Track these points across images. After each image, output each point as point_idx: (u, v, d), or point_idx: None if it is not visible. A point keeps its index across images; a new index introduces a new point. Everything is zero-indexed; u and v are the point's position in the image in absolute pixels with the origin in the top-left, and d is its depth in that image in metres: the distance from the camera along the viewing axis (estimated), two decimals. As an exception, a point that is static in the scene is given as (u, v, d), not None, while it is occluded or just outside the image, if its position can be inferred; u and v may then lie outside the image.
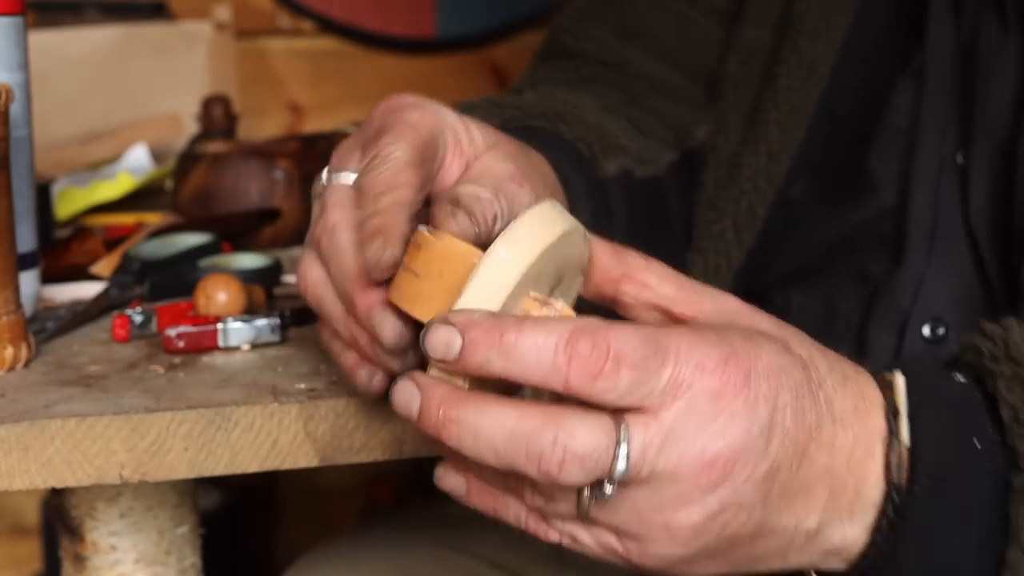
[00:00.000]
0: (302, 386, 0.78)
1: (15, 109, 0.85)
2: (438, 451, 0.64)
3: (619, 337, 0.58)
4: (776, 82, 0.98)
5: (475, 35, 2.03)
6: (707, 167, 1.02)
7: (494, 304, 0.61)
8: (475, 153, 0.74)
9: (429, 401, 0.60)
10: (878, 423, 0.64)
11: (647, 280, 0.65)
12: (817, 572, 0.67)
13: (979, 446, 0.64)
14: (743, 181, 0.98)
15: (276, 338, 0.86)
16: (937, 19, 0.93)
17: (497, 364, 0.59)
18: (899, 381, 0.65)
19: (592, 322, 0.59)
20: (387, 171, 0.69)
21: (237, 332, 0.85)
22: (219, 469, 0.74)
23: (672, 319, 0.65)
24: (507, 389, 0.62)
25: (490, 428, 0.59)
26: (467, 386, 0.61)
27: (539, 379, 0.58)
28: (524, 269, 0.62)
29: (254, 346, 0.86)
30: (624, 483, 0.59)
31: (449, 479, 0.64)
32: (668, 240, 1.02)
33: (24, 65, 0.89)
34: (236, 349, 0.85)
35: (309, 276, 0.71)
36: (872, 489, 0.64)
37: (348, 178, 0.72)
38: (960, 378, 0.67)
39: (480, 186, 0.70)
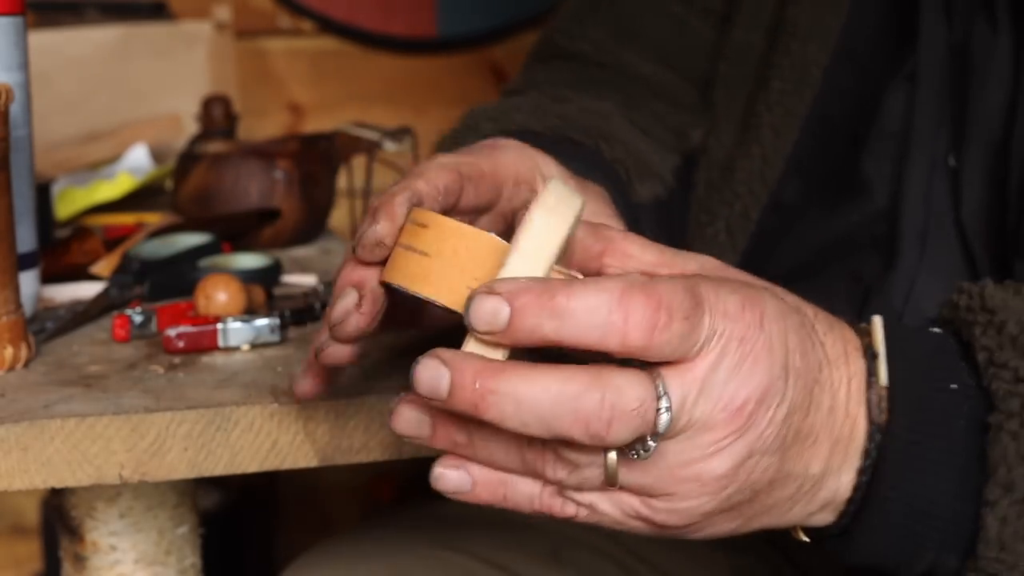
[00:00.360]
0: (302, 386, 0.78)
1: (15, 109, 0.85)
2: (439, 447, 0.63)
3: (667, 289, 0.58)
4: (769, 85, 0.98)
5: (475, 35, 2.03)
6: (700, 169, 1.02)
7: (539, 273, 0.61)
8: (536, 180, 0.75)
9: (463, 375, 0.58)
10: (862, 365, 0.65)
11: (628, 250, 0.65)
12: (804, 530, 0.68)
13: (955, 387, 0.66)
14: (736, 184, 0.98)
15: (276, 338, 0.86)
16: (929, 22, 0.93)
17: (549, 327, 0.57)
18: (877, 326, 0.66)
19: (637, 277, 0.59)
20: (420, 167, 0.69)
21: (237, 332, 0.85)
22: (219, 469, 0.75)
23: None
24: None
25: (534, 394, 0.57)
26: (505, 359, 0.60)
27: (595, 339, 0.57)
28: (562, 237, 0.61)
29: (254, 346, 0.86)
30: (661, 438, 0.59)
31: (450, 476, 0.62)
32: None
33: (24, 65, 0.89)
34: (236, 349, 0.86)
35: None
36: (860, 433, 0.65)
37: None
38: (936, 330, 0.68)
39: None
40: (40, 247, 0.92)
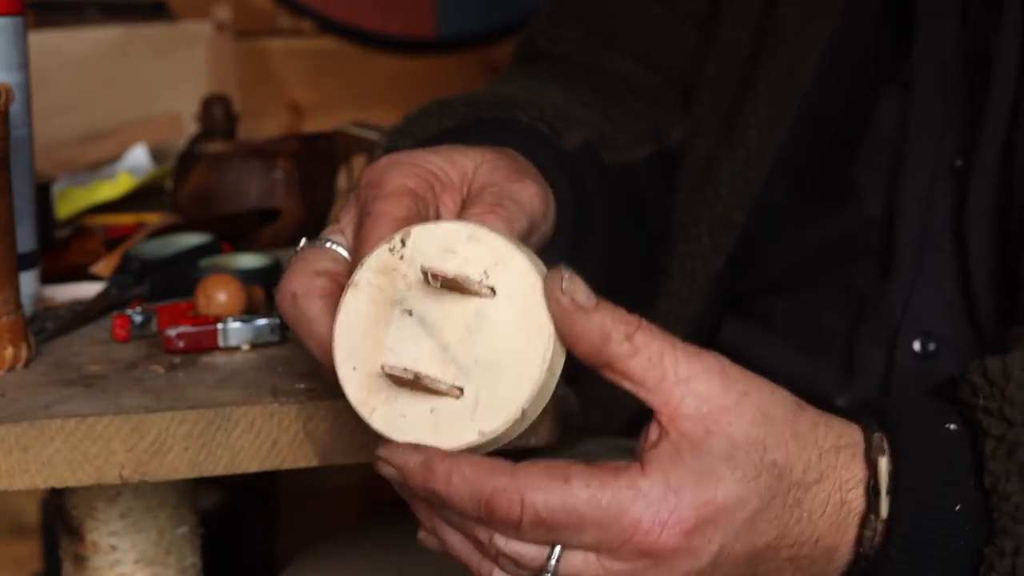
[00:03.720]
0: (302, 386, 0.78)
1: (15, 109, 0.85)
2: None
3: (536, 501, 0.62)
4: (755, 86, 0.97)
5: (475, 35, 2.03)
6: (683, 169, 1.01)
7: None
8: (465, 180, 0.74)
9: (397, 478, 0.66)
10: (855, 505, 0.66)
11: (628, 372, 0.64)
12: None
13: (958, 508, 0.66)
14: (719, 185, 0.98)
15: (276, 338, 0.86)
16: (930, 26, 0.93)
17: (436, 502, 0.65)
18: (883, 467, 0.66)
19: (511, 484, 0.62)
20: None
21: (237, 332, 0.85)
22: (219, 469, 0.75)
23: (650, 409, 0.65)
24: None
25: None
26: None
27: (471, 517, 0.64)
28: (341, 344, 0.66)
29: (254, 346, 0.86)
30: None
31: (430, 542, 0.69)
32: (646, 236, 1.01)
33: (24, 65, 0.89)
34: (236, 349, 0.86)
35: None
36: (841, 559, 0.67)
37: (336, 245, 0.73)
38: (952, 427, 0.68)
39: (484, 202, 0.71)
40: (40, 247, 0.92)
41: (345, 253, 0.71)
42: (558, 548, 0.63)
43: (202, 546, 0.93)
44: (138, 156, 1.50)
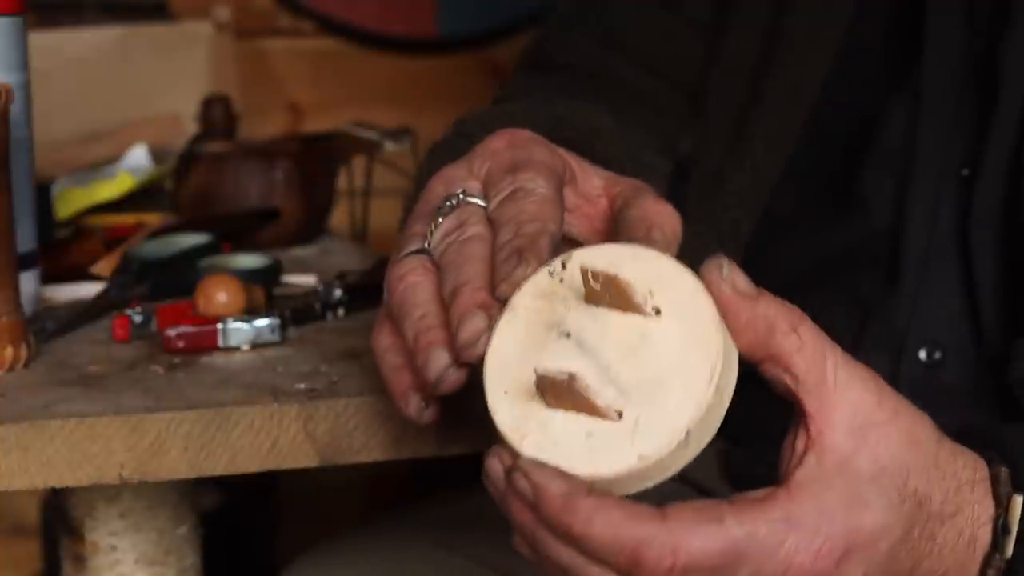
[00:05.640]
0: (302, 386, 0.78)
1: (15, 109, 0.85)
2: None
3: (691, 548, 0.59)
4: (763, 98, 0.97)
5: (476, 35, 2.03)
6: (691, 180, 1.01)
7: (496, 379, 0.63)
8: (589, 194, 0.73)
9: (513, 503, 0.62)
10: (982, 543, 0.65)
11: (793, 367, 0.62)
12: None
13: None
14: (727, 195, 0.97)
15: (276, 338, 0.86)
16: (939, 32, 0.92)
17: (564, 537, 0.60)
18: (1017, 505, 0.65)
19: (663, 532, 0.59)
20: (533, 203, 0.68)
21: (237, 332, 0.85)
22: (219, 469, 0.75)
23: (801, 411, 0.63)
24: None
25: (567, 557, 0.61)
26: None
27: (605, 564, 0.60)
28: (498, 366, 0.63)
29: (254, 346, 0.86)
30: None
31: (526, 552, 0.65)
32: None
33: (24, 65, 0.89)
34: (236, 349, 0.86)
35: (411, 277, 0.68)
36: None
37: (478, 202, 0.70)
38: None
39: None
40: (40, 247, 0.92)
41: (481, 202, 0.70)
42: None
43: (202, 546, 0.93)
44: (138, 156, 1.50)
